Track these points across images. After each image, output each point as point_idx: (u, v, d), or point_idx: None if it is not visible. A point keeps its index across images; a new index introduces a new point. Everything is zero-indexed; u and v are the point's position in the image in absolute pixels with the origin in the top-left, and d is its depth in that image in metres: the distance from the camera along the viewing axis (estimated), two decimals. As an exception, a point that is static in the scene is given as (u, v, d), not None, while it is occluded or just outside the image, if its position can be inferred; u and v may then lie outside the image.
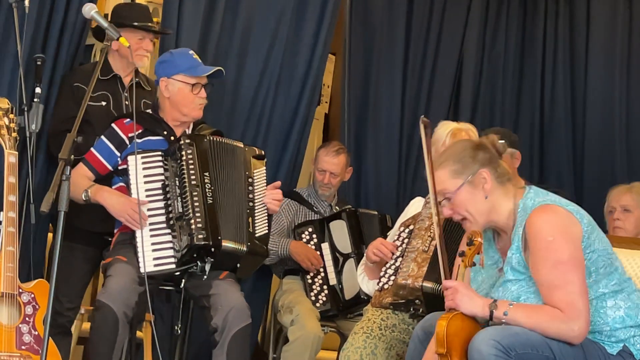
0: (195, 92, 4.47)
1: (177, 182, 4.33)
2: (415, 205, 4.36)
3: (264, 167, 4.60)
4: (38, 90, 4.61)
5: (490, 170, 3.44)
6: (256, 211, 4.46)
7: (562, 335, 3.23)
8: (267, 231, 4.49)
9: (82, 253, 4.75)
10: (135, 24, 4.85)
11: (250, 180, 4.50)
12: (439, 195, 3.46)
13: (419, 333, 3.55)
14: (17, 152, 4.03)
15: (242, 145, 4.57)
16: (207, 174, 4.36)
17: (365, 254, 4.24)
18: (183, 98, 4.48)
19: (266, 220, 4.50)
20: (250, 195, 4.47)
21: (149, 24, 4.92)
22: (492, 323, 3.32)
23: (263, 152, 4.64)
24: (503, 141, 3.57)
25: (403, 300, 4.00)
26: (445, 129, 4.31)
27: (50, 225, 4.98)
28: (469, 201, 3.41)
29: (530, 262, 3.32)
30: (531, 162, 6.08)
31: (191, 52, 4.56)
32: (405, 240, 4.13)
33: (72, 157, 3.57)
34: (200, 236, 4.21)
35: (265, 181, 4.55)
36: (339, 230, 5.39)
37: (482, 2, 6.41)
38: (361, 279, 4.34)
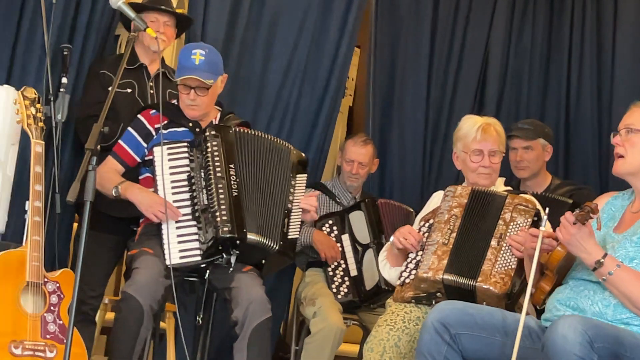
0: (183, 92, 4.46)
1: (202, 174, 4.33)
2: (436, 199, 4.36)
3: (306, 174, 4.60)
4: (64, 80, 4.63)
5: None
6: (292, 214, 4.46)
7: None
8: (297, 236, 4.50)
9: (106, 241, 4.78)
10: (145, 3, 4.84)
11: (292, 182, 4.49)
12: (623, 124, 3.65)
13: (436, 325, 3.58)
14: (43, 142, 4.05)
15: (289, 146, 4.57)
16: (232, 165, 4.35)
17: (391, 239, 4.23)
18: (180, 96, 4.51)
19: (299, 225, 4.51)
20: (290, 197, 4.46)
21: (162, 7, 4.91)
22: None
23: (306, 158, 4.65)
24: None
25: (424, 294, 4.02)
26: (474, 124, 4.31)
27: (77, 214, 5.00)
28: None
29: None
30: (557, 157, 6.02)
31: (195, 50, 4.45)
32: (426, 235, 4.14)
33: (99, 147, 3.59)
34: (226, 229, 4.21)
35: (304, 187, 4.56)
36: (358, 221, 5.39)
37: (510, -5, 6.39)
38: (382, 266, 4.34)
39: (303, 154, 4.65)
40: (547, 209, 3.67)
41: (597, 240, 3.53)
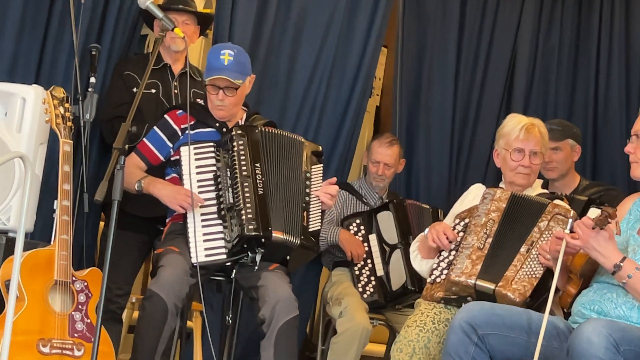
0: (211, 92, 4.47)
1: (228, 173, 4.34)
2: (474, 193, 4.35)
3: (322, 165, 4.60)
4: (93, 79, 4.66)
5: None
6: (311, 206, 4.46)
7: None
8: (319, 227, 4.50)
9: (132, 241, 4.81)
10: (163, 4, 4.86)
11: (307, 175, 4.49)
12: (633, 130, 3.69)
13: (464, 325, 3.58)
14: (72, 141, 4.06)
15: (302, 140, 4.57)
16: (258, 164, 4.36)
17: (426, 233, 4.21)
18: (208, 97, 4.51)
19: (320, 216, 4.50)
20: (307, 190, 4.46)
21: (180, 6, 4.92)
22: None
23: (321, 149, 4.64)
24: None
25: (455, 296, 4.00)
26: (518, 122, 4.29)
27: (102, 213, 5.03)
28: None
29: None
30: (584, 158, 5.99)
31: (224, 50, 4.45)
32: (460, 234, 4.12)
33: (127, 146, 3.60)
34: (251, 227, 4.22)
35: (321, 178, 4.55)
36: (386, 221, 5.37)
37: (537, -6, 6.36)
38: (414, 257, 4.32)
39: (318, 146, 4.65)
40: (572, 212, 3.67)
41: (619, 242, 3.51)
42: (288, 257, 4.43)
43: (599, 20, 6.38)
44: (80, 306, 3.91)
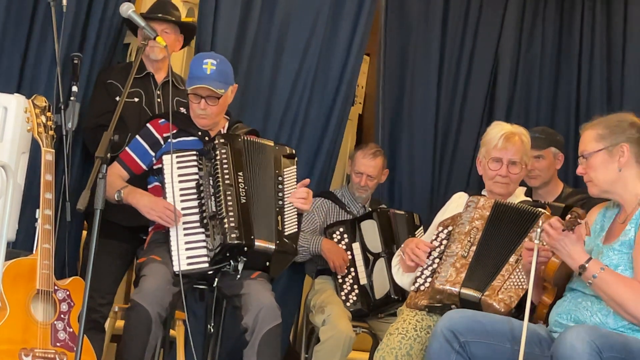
0: (193, 101, 4.46)
1: (211, 182, 4.34)
2: (456, 202, 4.34)
3: (295, 166, 4.59)
4: (75, 88, 4.66)
5: (632, 148, 3.60)
6: (286, 209, 4.46)
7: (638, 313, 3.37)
8: (296, 230, 4.48)
9: (114, 249, 4.77)
10: (144, 13, 4.86)
11: (280, 178, 4.49)
12: (580, 152, 3.69)
13: (446, 333, 3.58)
14: (54, 150, 4.05)
15: (272, 144, 4.57)
16: (240, 173, 4.36)
17: (401, 250, 4.21)
18: (190, 106, 4.50)
19: (296, 219, 4.49)
20: (280, 194, 4.46)
21: (159, 14, 4.92)
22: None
23: (294, 151, 4.64)
24: None
25: (439, 304, 3.99)
26: (499, 131, 4.27)
27: (85, 222, 5.01)
28: (599, 167, 3.63)
29: (637, 240, 3.48)
30: (567, 165, 6.01)
31: (207, 59, 4.46)
32: (444, 242, 4.11)
33: (109, 155, 3.60)
34: (233, 235, 4.22)
35: (295, 180, 4.55)
36: (370, 230, 5.38)
37: (519, 2, 6.36)
38: (396, 271, 4.33)
39: (288, 148, 4.63)
40: (541, 222, 3.68)
41: (586, 250, 3.53)
42: (268, 264, 4.42)
43: (580, 28, 6.40)
44: (62, 315, 3.90)
